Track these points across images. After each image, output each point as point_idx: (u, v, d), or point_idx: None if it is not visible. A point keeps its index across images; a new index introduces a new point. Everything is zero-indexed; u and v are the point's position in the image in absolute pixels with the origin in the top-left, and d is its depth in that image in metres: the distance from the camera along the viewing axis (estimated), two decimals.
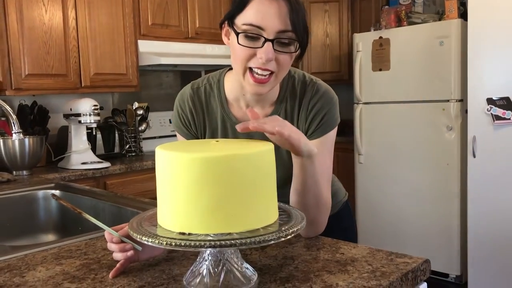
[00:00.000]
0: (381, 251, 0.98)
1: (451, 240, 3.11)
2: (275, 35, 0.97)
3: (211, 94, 1.17)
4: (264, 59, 0.97)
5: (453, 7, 3.06)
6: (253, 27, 0.97)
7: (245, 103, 1.15)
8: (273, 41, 0.97)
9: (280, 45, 0.98)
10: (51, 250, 1.07)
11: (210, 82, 1.19)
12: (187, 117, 1.18)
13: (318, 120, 1.12)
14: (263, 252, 0.99)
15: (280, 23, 0.96)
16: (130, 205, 1.53)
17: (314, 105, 1.12)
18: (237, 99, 1.15)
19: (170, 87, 3.70)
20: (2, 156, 2.43)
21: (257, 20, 0.96)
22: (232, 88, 1.15)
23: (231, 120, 1.16)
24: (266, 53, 0.96)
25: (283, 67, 1.01)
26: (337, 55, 4.01)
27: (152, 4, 3.09)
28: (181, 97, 1.20)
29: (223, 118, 1.16)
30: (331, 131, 1.13)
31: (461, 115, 3.05)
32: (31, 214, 1.84)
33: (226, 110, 1.16)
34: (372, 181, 3.51)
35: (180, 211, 0.76)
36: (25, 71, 2.55)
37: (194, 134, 1.19)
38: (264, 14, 0.96)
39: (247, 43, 0.99)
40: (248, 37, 0.98)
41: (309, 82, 1.15)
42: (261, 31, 0.97)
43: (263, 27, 0.96)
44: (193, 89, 1.19)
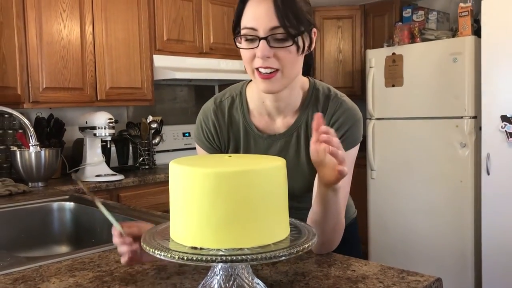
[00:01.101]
0: (393, 268, 0.97)
1: (465, 259, 3.06)
2: (267, 33, 1.01)
3: (233, 106, 1.20)
4: (260, 55, 1.02)
5: (467, 24, 3.06)
6: (248, 29, 1.03)
7: (266, 112, 1.17)
8: (267, 39, 1.01)
9: (276, 41, 1.02)
10: (65, 262, 1.08)
11: (232, 94, 1.22)
12: (210, 131, 1.20)
13: (339, 135, 1.10)
14: (274, 267, 0.99)
15: (269, 21, 1.01)
16: (143, 218, 1.54)
17: (336, 120, 1.13)
18: (258, 108, 1.18)
19: (184, 101, 3.74)
20: (19, 167, 2.47)
21: (250, 23, 1.02)
22: (253, 97, 1.19)
23: (253, 130, 1.18)
24: (262, 51, 1.01)
25: (286, 63, 1.04)
26: (349, 71, 4.02)
27: (167, 20, 3.15)
28: (203, 112, 1.23)
29: (245, 128, 1.19)
30: (352, 148, 1.12)
31: (475, 132, 3.03)
32: (45, 225, 1.87)
33: (247, 120, 1.19)
34: (384, 197, 3.49)
35: (192, 225, 0.77)
36: (42, 84, 2.60)
37: (217, 148, 1.21)
38: (255, 16, 1.02)
39: (247, 45, 1.05)
40: (247, 40, 1.04)
41: (333, 96, 1.16)
42: (255, 32, 1.02)
43: (255, 27, 1.02)
44: (215, 103, 1.22)
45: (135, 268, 1.01)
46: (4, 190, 2.10)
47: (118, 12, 2.90)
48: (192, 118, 3.78)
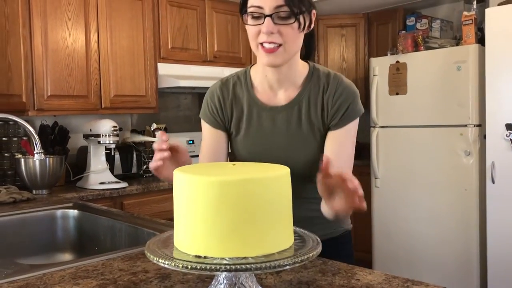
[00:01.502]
0: (397, 278, 0.97)
1: (470, 268, 3.04)
2: (272, 11, 1.11)
3: (238, 83, 1.30)
4: (264, 31, 1.12)
5: (471, 33, 3.07)
6: (255, 7, 1.13)
7: (269, 85, 1.26)
8: (272, 16, 1.11)
9: (280, 19, 1.12)
10: (69, 270, 1.08)
11: (238, 74, 1.33)
12: (214, 105, 1.29)
13: (342, 111, 1.22)
14: (278, 276, 0.98)
15: (275, 0, 1.11)
16: (147, 226, 1.54)
17: (338, 98, 1.23)
18: (261, 83, 1.27)
19: (188, 109, 3.75)
20: (23, 175, 2.47)
21: (256, 1, 1.13)
22: (256, 74, 1.28)
23: (256, 103, 1.26)
24: (267, 27, 1.12)
25: (288, 39, 1.14)
26: (353, 79, 4.01)
27: (172, 28, 3.16)
28: (210, 90, 1.33)
29: (249, 103, 1.27)
30: (353, 121, 1.23)
31: (479, 140, 3.02)
32: (49, 233, 1.87)
33: (252, 95, 1.27)
34: (388, 205, 3.47)
35: (196, 234, 0.77)
36: (47, 92, 2.61)
37: (220, 122, 1.29)
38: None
39: (253, 22, 1.15)
40: (253, 17, 1.14)
41: (333, 75, 1.26)
42: (261, 10, 1.12)
43: (261, 6, 1.12)
44: (222, 81, 1.32)
45: (138, 277, 1.01)
46: (8, 197, 2.10)
47: (123, 20, 2.92)
48: (196, 126, 3.78)
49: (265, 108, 1.25)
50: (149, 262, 1.11)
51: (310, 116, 1.24)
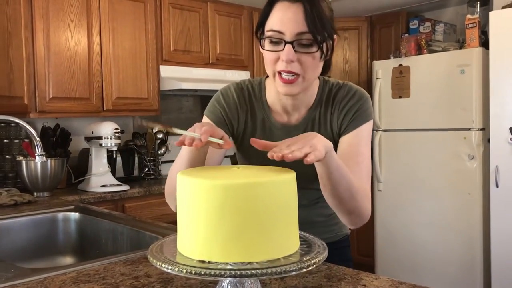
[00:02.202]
0: (404, 283, 0.95)
1: (474, 273, 3.02)
2: (294, 38, 1.03)
3: (253, 96, 1.23)
4: (285, 59, 1.03)
5: (474, 36, 3.05)
6: (275, 32, 1.05)
7: (282, 108, 1.20)
8: (293, 43, 1.03)
9: (301, 46, 1.04)
10: (70, 274, 1.06)
11: (252, 84, 1.25)
12: (229, 108, 1.21)
13: (351, 114, 1.16)
14: (282, 282, 0.97)
15: (297, 26, 1.03)
16: (149, 230, 1.52)
17: (347, 103, 1.18)
18: (274, 103, 1.21)
19: (190, 111, 3.74)
20: (24, 177, 2.46)
21: (277, 26, 1.04)
22: (270, 93, 1.22)
23: (270, 120, 1.21)
24: (287, 55, 1.03)
25: (308, 68, 1.06)
26: (356, 82, 3.98)
27: (174, 31, 3.16)
28: (225, 91, 1.24)
29: (262, 117, 1.22)
30: (364, 123, 1.17)
31: (483, 144, 3.00)
32: (50, 235, 1.85)
33: (266, 110, 1.22)
34: (391, 209, 3.45)
35: (200, 238, 0.75)
36: (49, 94, 2.61)
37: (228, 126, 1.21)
38: (283, 19, 1.04)
39: (271, 48, 1.07)
40: (272, 42, 1.06)
41: (341, 84, 1.22)
42: (281, 35, 1.04)
43: (282, 31, 1.04)
44: (238, 87, 1.24)
45: (141, 281, 1.00)
46: (9, 199, 2.09)
47: (125, 22, 2.91)
48: None
49: (277, 127, 1.21)
50: (152, 266, 1.09)
51: (320, 132, 1.18)
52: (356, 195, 1.04)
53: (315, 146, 0.87)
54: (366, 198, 1.08)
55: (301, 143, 0.87)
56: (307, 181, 1.10)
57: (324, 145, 0.90)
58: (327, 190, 1.02)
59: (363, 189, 1.08)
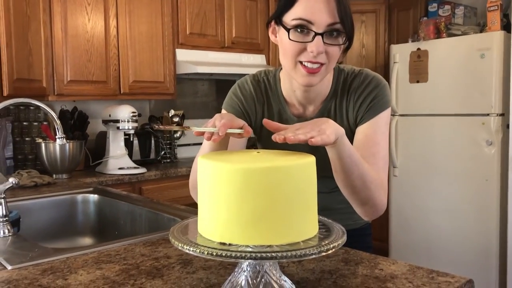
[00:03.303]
0: (422, 268, 0.96)
1: (489, 259, 3.00)
2: (324, 29, 1.00)
3: (269, 88, 1.23)
4: (315, 52, 1.00)
5: (496, 19, 2.99)
6: (303, 21, 1.00)
7: (297, 101, 1.19)
8: (323, 35, 1.00)
9: (329, 37, 1.02)
10: (91, 254, 1.09)
11: (268, 76, 1.24)
12: (246, 101, 1.21)
13: (366, 103, 1.13)
14: (300, 265, 0.98)
15: (329, 17, 1.00)
16: (167, 212, 1.54)
17: (362, 91, 1.14)
18: (289, 96, 1.20)
19: (205, 95, 3.74)
20: (44, 159, 2.50)
21: (306, 15, 1.00)
22: (284, 86, 1.20)
23: (286, 112, 1.20)
24: (317, 47, 1.00)
25: (333, 59, 1.05)
26: (373, 66, 3.96)
27: (190, 14, 3.15)
28: (242, 84, 1.24)
29: (278, 109, 1.21)
30: (381, 113, 1.13)
31: (502, 130, 2.96)
32: (70, 217, 1.89)
33: (282, 103, 1.21)
34: (406, 195, 3.44)
35: (221, 221, 0.76)
36: (67, 77, 2.63)
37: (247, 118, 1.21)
38: (313, 9, 1.00)
39: (298, 38, 1.02)
40: (298, 32, 1.02)
41: (357, 72, 1.18)
42: (310, 25, 1.00)
43: (312, 21, 1.00)
44: (255, 79, 1.24)
45: (161, 262, 1.01)
46: (29, 181, 2.13)
47: (142, 6, 2.91)
48: (213, 112, 3.77)
49: (293, 120, 1.19)
50: (171, 248, 1.11)
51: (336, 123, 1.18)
52: (370, 184, 1.02)
53: (323, 130, 0.87)
54: (382, 189, 1.06)
55: (309, 128, 0.87)
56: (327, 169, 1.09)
57: (334, 131, 0.89)
58: (340, 178, 1.01)
59: (379, 180, 1.06)
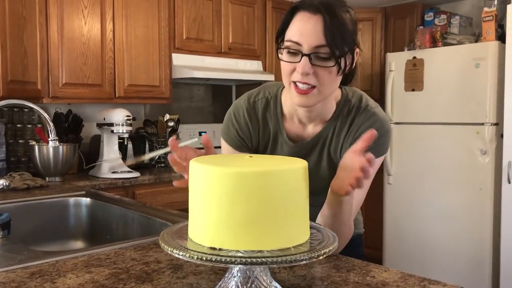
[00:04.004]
0: (413, 276, 0.95)
1: (483, 268, 3.00)
2: (311, 50, 1.01)
3: (268, 109, 1.21)
4: (301, 72, 1.02)
5: (491, 29, 3.01)
6: (293, 43, 1.03)
7: (298, 119, 1.19)
8: (310, 56, 1.01)
9: (319, 59, 1.02)
10: (81, 258, 1.08)
11: (267, 96, 1.22)
12: (242, 130, 1.22)
13: None
14: (291, 271, 0.97)
15: (315, 39, 1.00)
16: (159, 216, 1.53)
17: (364, 130, 1.10)
18: (291, 114, 1.19)
19: (201, 100, 3.74)
20: (37, 162, 2.49)
21: (295, 37, 1.02)
22: (287, 102, 1.20)
23: (282, 135, 1.20)
24: (303, 67, 1.02)
25: (324, 82, 1.04)
26: (368, 74, 3.98)
27: (187, 19, 3.15)
28: (236, 109, 1.23)
29: (275, 132, 1.21)
30: (376, 159, 1.09)
31: (496, 139, 2.97)
32: (61, 220, 1.88)
33: (280, 125, 1.20)
34: (401, 203, 3.44)
35: (211, 225, 0.76)
36: (62, 80, 2.62)
37: (245, 145, 1.22)
38: (301, 31, 1.02)
39: (289, 59, 1.05)
40: (289, 53, 1.04)
41: (364, 107, 1.15)
42: (299, 47, 1.02)
43: (300, 43, 1.02)
44: (249, 102, 1.22)
45: (151, 267, 1.00)
46: (22, 183, 2.11)
47: (139, 9, 2.91)
48: (209, 117, 3.78)
49: (288, 144, 1.19)
50: (162, 252, 1.10)
51: (330, 151, 1.17)
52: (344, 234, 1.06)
53: None
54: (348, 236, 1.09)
55: None
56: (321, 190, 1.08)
57: None
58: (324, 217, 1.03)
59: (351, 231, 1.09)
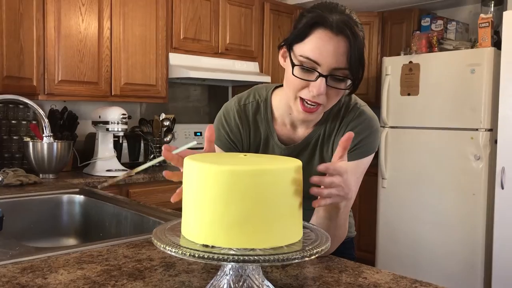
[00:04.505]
0: (405, 278, 0.95)
1: (475, 273, 3.01)
2: (329, 72, 0.98)
3: (258, 112, 1.19)
4: (315, 93, 0.99)
5: (487, 36, 3.03)
6: (310, 61, 0.99)
7: (290, 122, 1.17)
8: (326, 77, 0.98)
9: (334, 80, 1.00)
10: (73, 254, 1.07)
11: (257, 99, 1.20)
12: (232, 133, 1.19)
13: (354, 143, 1.09)
14: (284, 270, 0.97)
15: (337, 61, 0.97)
16: (153, 215, 1.53)
17: (352, 128, 1.11)
18: (283, 117, 1.18)
19: (197, 100, 3.74)
20: (31, 158, 2.48)
21: (314, 55, 0.98)
22: (279, 106, 1.17)
23: (273, 138, 1.18)
24: (318, 88, 0.98)
25: (332, 101, 1.04)
26: (365, 78, 3.97)
27: (185, 19, 3.15)
28: (226, 112, 1.20)
29: (266, 135, 1.19)
30: (365, 158, 1.11)
31: (490, 145, 2.98)
32: (54, 217, 1.87)
33: (271, 128, 1.18)
34: (394, 206, 3.45)
35: (204, 223, 0.75)
36: (58, 77, 2.61)
37: (236, 148, 1.20)
38: (322, 50, 0.97)
39: (301, 75, 1.01)
40: (303, 69, 1.00)
41: (353, 105, 1.15)
42: (316, 66, 0.98)
43: (319, 62, 0.98)
44: (240, 105, 1.20)
45: (143, 264, 1.00)
46: (15, 180, 2.10)
47: (136, 8, 2.91)
48: (205, 117, 3.77)
49: (279, 147, 1.18)
50: (154, 250, 1.10)
51: (322, 152, 1.16)
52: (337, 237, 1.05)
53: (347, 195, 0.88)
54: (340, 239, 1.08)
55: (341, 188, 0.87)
56: None
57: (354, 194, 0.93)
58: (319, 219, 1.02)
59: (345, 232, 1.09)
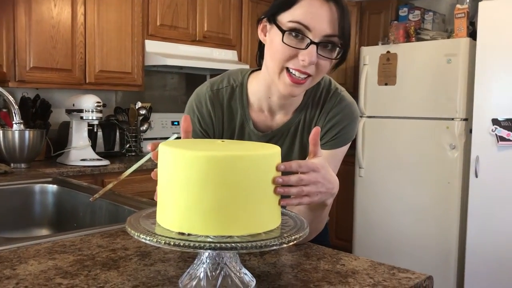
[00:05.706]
0: (383, 264, 0.95)
1: (448, 260, 3.07)
2: (321, 39, 0.94)
3: (233, 97, 1.13)
4: (306, 62, 0.93)
5: (462, 26, 3.06)
6: (301, 25, 0.93)
7: (268, 108, 1.12)
8: (318, 44, 0.94)
9: (324, 49, 0.95)
10: (45, 244, 1.04)
11: (232, 84, 1.13)
12: (204, 120, 1.13)
13: (334, 132, 1.08)
14: (262, 258, 0.96)
15: (329, 27, 0.93)
16: (128, 204, 1.50)
17: (333, 116, 1.09)
18: (260, 102, 1.11)
19: (174, 89, 3.69)
20: (1, 147, 2.40)
21: (305, 19, 0.93)
22: (257, 90, 1.11)
23: (249, 125, 1.13)
24: (310, 56, 0.93)
25: (321, 72, 0.99)
26: (343, 67, 3.97)
27: (161, 5, 3.09)
28: (197, 98, 1.14)
29: (242, 121, 1.13)
30: (344, 146, 1.10)
31: (465, 134, 3.03)
32: (26, 207, 1.81)
33: (246, 115, 1.12)
34: (371, 195, 3.48)
35: (180, 210, 0.73)
36: (29, 63, 2.53)
37: (205, 135, 1.15)
38: (314, 15, 0.93)
39: (291, 42, 0.95)
40: (293, 36, 0.94)
41: (333, 91, 1.11)
42: (307, 32, 0.93)
43: (310, 28, 0.93)
44: (212, 90, 1.13)
45: (118, 254, 0.98)
46: None
47: None
48: (182, 107, 3.73)
49: (256, 134, 1.12)
50: (129, 240, 1.07)
51: (303, 139, 1.12)
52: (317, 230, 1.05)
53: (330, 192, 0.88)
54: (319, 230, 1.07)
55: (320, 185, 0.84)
56: None
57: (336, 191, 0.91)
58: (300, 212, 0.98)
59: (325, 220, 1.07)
